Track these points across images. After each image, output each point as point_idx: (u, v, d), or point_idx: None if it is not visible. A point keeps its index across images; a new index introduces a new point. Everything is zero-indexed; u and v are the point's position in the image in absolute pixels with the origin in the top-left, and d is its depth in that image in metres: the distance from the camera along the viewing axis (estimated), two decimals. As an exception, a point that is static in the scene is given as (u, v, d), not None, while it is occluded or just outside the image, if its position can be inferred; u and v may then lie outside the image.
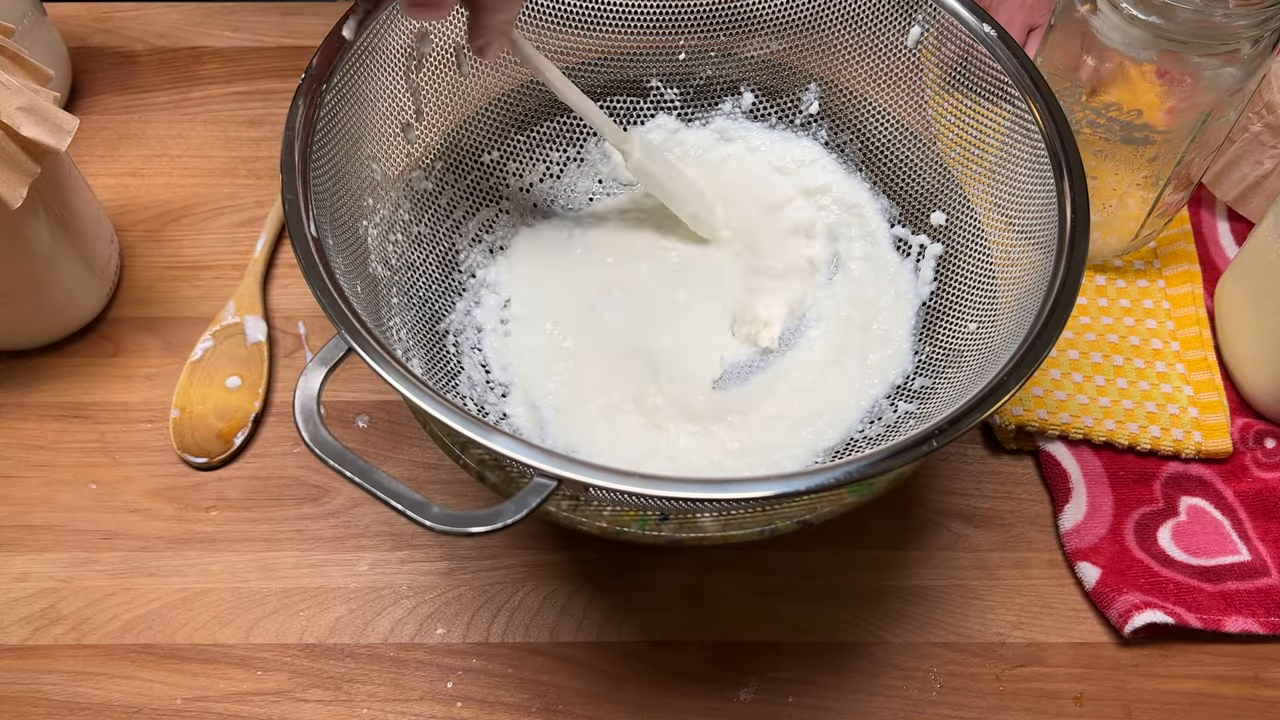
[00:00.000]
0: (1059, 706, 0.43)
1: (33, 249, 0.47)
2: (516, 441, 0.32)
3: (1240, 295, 0.49)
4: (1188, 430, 0.48)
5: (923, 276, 0.46)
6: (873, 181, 0.49)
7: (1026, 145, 0.41)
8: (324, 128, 0.38)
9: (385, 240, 0.42)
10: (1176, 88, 0.44)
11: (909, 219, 0.48)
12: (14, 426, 0.49)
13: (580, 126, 0.50)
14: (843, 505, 0.39)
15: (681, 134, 0.51)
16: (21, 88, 0.43)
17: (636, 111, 0.51)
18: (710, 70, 0.50)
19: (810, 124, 0.50)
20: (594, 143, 0.50)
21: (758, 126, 0.51)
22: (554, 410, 0.44)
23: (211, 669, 0.43)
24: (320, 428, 0.32)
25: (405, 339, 0.41)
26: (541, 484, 0.32)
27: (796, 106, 0.50)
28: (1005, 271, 0.42)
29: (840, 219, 0.49)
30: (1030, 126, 0.41)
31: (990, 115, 0.43)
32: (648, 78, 0.50)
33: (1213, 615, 0.44)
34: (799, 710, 0.43)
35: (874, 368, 0.44)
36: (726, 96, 0.51)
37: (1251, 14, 0.41)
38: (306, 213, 0.36)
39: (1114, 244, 0.51)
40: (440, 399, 0.33)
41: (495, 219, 0.48)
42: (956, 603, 0.45)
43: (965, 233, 0.45)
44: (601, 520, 0.39)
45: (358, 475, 0.32)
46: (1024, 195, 0.41)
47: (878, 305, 0.46)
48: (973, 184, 0.45)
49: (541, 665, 0.43)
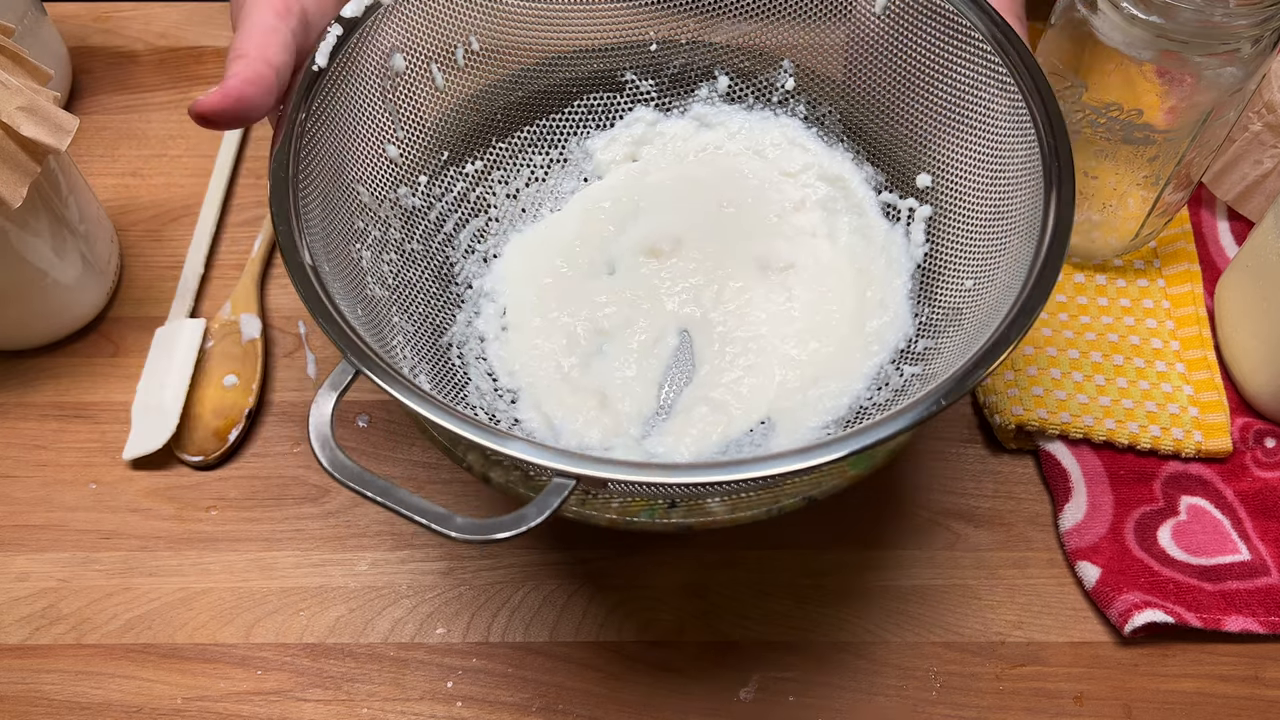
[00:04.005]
0: (1059, 706, 0.43)
1: (33, 249, 0.47)
2: (532, 445, 0.32)
3: (1240, 295, 0.49)
4: (1188, 430, 0.48)
5: (914, 240, 0.46)
6: (855, 151, 0.49)
7: (1002, 95, 0.41)
8: (308, 156, 0.38)
9: (379, 261, 0.42)
10: (1177, 87, 0.44)
11: (895, 184, 0.47)
12: (14, 426, 0.49)
13: (561, 126, 0.50)
14: (845, 479, 0.39)
15: (661, 125, 0.51)
16: (21, 88, 0.43)
17: (614, 107, 0.50)
18: (683, 58, 0.50)
19: (788, 101, 0.50)
20: (575, 142, 0.50)
21: (736, 109, 0.51)
22: (560, 408, 0.44)
23: (211, 669, 0.43)
24: (338, 452, 0.33)
25: (410, 356, 0.41)
26: (560, 484, 0.32)
27: (772, 85, 0.50)
28: (995, 224, 0.41)
29: (828, 194, 0.49)
30: (1003, 75, 0.41)
31: (964, 65, 0.43)
32: (621, 71, 0.50)
33: (1213, 615, 0.44)
34: (799, 710, 0.43)
35: (874, 334, 0.44)
36: (702, 82, 0.50)
37: (1252, 14, 0.41)
38: (300, 241, 0.36)
39: (1114, 244, 0.51)
40: (452, 410, 0.33)
41: (486, 228, 0.48)
42: (956, 603, 0.45)
43: (952, 191, 0.44)
44: (610, 512, 0.39)
45: (380, 495, 0.32)
46: (1005, 144, 0.41)
47: (870, 273, 0.46)
48: (954, 141, 0.44)
49: (541, 665, 0.43)
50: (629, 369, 0.45)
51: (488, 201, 0.49)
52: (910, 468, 0.48)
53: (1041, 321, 0.50)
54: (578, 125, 0.50)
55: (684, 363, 0.46)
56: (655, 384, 0.45)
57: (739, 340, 0.46)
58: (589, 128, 0.50)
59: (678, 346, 0.46)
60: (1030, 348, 0.49)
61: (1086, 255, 0.52)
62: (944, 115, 0.44)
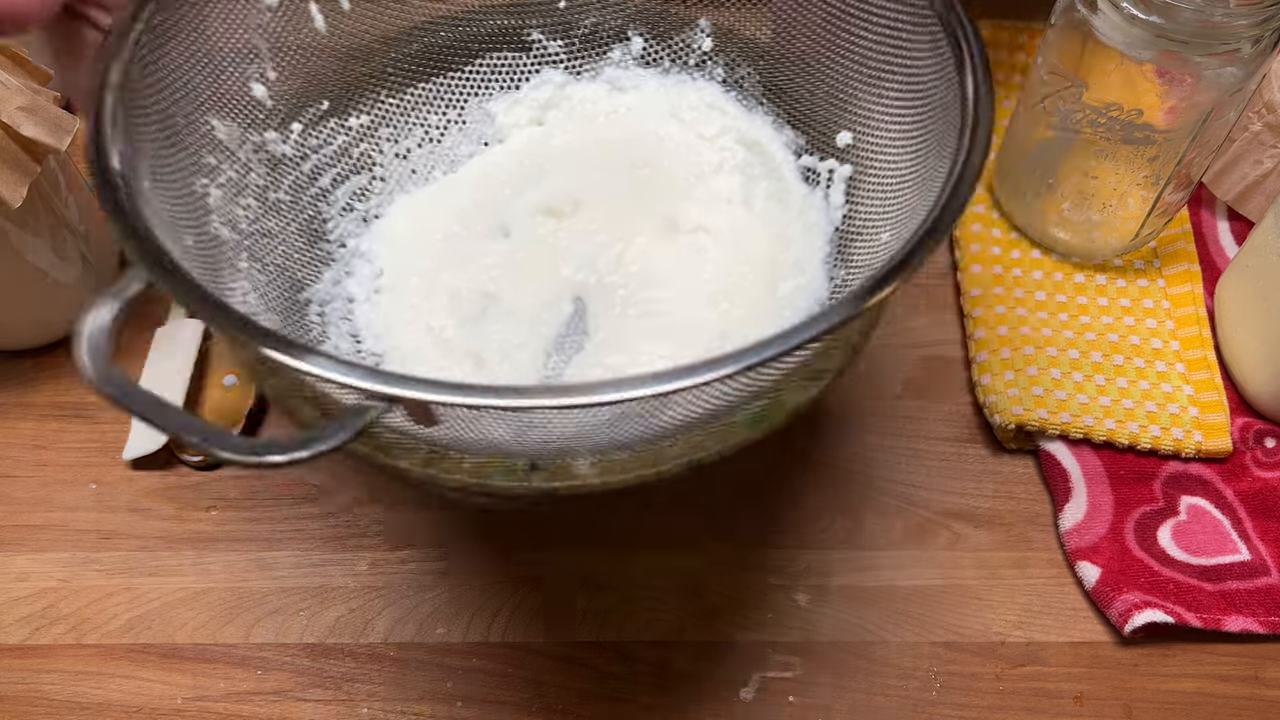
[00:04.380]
0: (1059, 706, 0.43)
1: (33, 249, 0.47)
2: (336, 362, 0.28)
3: (1240, 295, 0.49)
4: (1188, 429, 0.48)
5: (833, 203, 0.43)
6: (775, 115, 0.46)
7: (922, 33, 0.38)
8: (147, 71, 0.35)
9: (233, 204, 0.39)
10: (1177, 87, 0.44)
11: (816, 146, 0.45)
12: (14, 426, 0.49)
13: (461, 86, 0.47)
14: (735, 442, 0.35)
15: (570, 88, 0.48)
16: (22, 88, 0.43)
17: (519, 68, 0.47)
18: (594, 17, 0.47)
19: (705, 63, 0.48)
20: (477, 103, 0.47)
21: (651, 73, 0.48)
22: (428, 371, 0.41)
23: (211, 669, 0.43)
24: (111, 366, 0.29)
25: (255, 303, 0.38)
26: (364, 406, 0.28)
27: (689, 47, 0.47)
28: (914, 172, 0.39)
29: (745, 159, 0.47)
30: (923, 11, 0.38)
31: (885, 5, 0.40)
32: (527, 30, 0.47)
33: (1213, 615, 0.44)
34: (799, 710, 0.43)
35: (787, 298, 0.42)
36: (614, 44, 0.47)
37: (1252, 13, 0.41)
38: (110, 146, 0.32)
39: (1114, 244, 0.51)
40: (245, 321, 0.29)
41: (369, 187, 0.45)
42: (956, 603, 0.45)
43: (873, 145, 0.42)
44: (461, 473, 0.35)
45: (148, 411, 0.28)
46: (925, 88, 0.38)
47: (787, 236, 0.44)
48: (875, 91, 0.42)
49: (541, 665, 0.43)
50: (514, 334, 0.42)
51: (372, 159, 0.46)
52: (911, 468, 0.48)
53: (1042, 321, 0.50)
54: (479, 86, 0.47)
55: (578, 329, 0.43)
56: (543, 351, 0.42)
57: (641, 303, 0.43)
58: (492, 89, 0.47)
59: (573, 314, 0.44)
60: (1030, 347, 0.49)
61: (1087, 255, 0.52)
62: (865, 65, 0.42)
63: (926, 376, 0.51)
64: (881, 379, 0.51)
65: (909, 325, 0.52)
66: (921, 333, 0.52)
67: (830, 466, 0.48)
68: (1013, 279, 0.52)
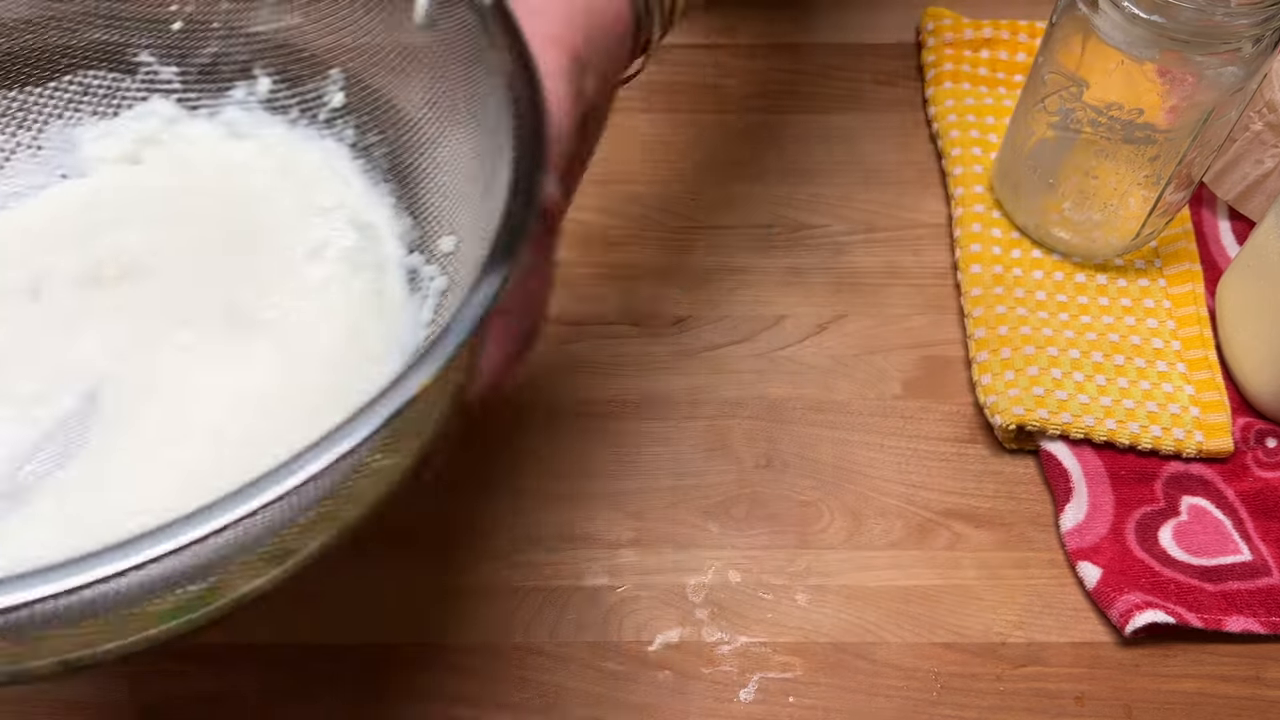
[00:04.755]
0: (1060, 706, 0.43)
1: (31, 249, 0.46)
2: None
3: (1241, 295, 0.49)
4: (1189, 430, 0.47)
5: (424, 319, 0.37)
6: (398, 197, 0.40)
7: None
8: None
9: None
10: (1178, 87, 0.44)
11: (425, 246, 0.38)
12: (14, 426, 0.49)
13: (41, 104, 0.40)
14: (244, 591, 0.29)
15: (181, 125, 0.41)
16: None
17: (121, 92, 0.41)
18: (215, 47, 0.40)
19: (335, 120, 0.41)
20: (59, 127, 0.40)
21: (277, 120, 0.41)
22: None
23: (211, 668, 0.43)
24: None
25: None
26: None
27: (319, 98, 0.41)
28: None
29: (355, 243, 0.39)
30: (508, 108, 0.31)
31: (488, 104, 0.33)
32: (134, 50, 0.40)
33: (1214, 615, 0.44)
34: (799, 710, 0.43)
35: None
36: (239, 81, 0.41)
37: (1253, 13, 0.41)
38: None
39: (1115, 243, 0.51)
40: None
41: None
42: (957, 603, 0.45)
43: (466, 257, 0.35)
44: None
45: None
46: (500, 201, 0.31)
47: (369, 355, 0.36)
48: (471, 195, 0.35)
49: (541, 665, 0.43)
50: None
51: None
52: (911, 468, 0.48)
53: (1042, 321, 0.50)
54: (66, 106, 0.40)
55: (78, 431, 0.35)
56: (13, 458, 0.34)
57: (163, 417, 0.35)
58: (81, 112, 0.40)
59: (75, 411, 0.35)
60: (1031, 347, 0.49)
61: (1087, 255, 0.52)
62: (467, 166, 0.36)
63: (926, 376, 0.51)
64: (881, 379, 0.50)
65: (909, 325, 0.52)
66: (921, 333, 0.52)
67: (830, 466, 0.48)
68: (1013, 279, 0.52)
